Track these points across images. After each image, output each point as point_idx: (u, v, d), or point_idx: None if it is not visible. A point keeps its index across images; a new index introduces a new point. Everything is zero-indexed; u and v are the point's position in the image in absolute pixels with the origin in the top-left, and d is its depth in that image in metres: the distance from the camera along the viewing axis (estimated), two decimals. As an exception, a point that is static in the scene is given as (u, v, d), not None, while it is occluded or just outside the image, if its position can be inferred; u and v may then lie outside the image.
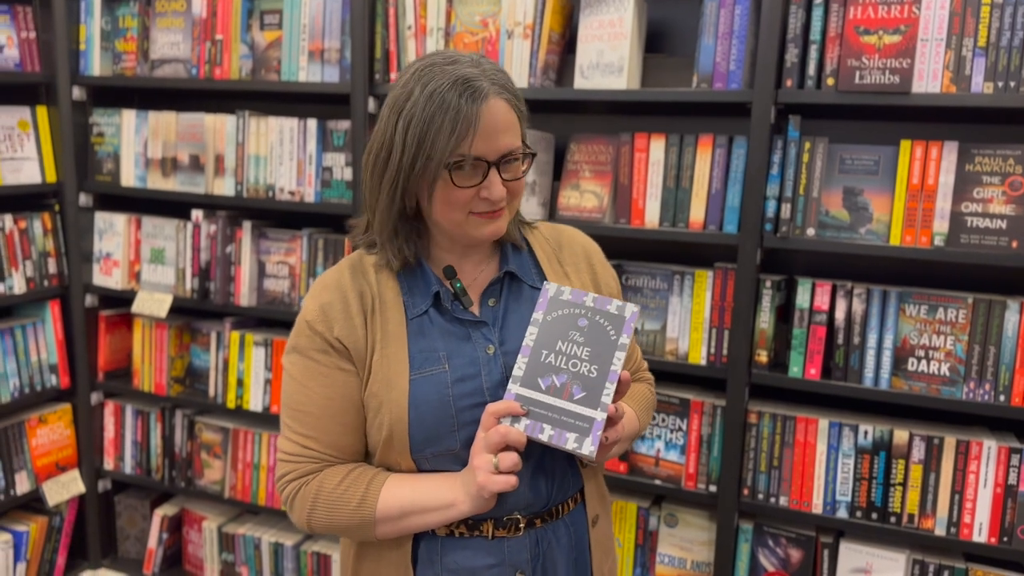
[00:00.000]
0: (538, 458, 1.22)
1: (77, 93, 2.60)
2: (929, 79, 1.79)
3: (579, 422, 1.12)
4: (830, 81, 1.86)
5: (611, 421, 1.14)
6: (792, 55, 1.88)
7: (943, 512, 1.90)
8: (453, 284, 1.25)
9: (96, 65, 2.58)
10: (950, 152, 1.82)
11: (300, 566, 2.58)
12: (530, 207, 2.17)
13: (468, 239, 1.22)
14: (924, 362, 1.90)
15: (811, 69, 1.88)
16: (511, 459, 1.12)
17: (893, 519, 1.94)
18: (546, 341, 1.17)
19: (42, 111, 2.61)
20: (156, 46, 2.52)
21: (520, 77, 2.10)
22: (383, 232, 1.23)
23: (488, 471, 1.12)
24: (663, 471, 2.14)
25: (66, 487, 2.72)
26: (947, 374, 1.88)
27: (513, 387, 1.15)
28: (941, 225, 1.84)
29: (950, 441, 1.89)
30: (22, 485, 2.61)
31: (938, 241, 1.84)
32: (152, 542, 2.77)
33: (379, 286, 1.25)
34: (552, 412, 1.13)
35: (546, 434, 1.12)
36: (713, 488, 2.08)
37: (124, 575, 2.81)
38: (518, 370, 1.16)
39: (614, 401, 1.14)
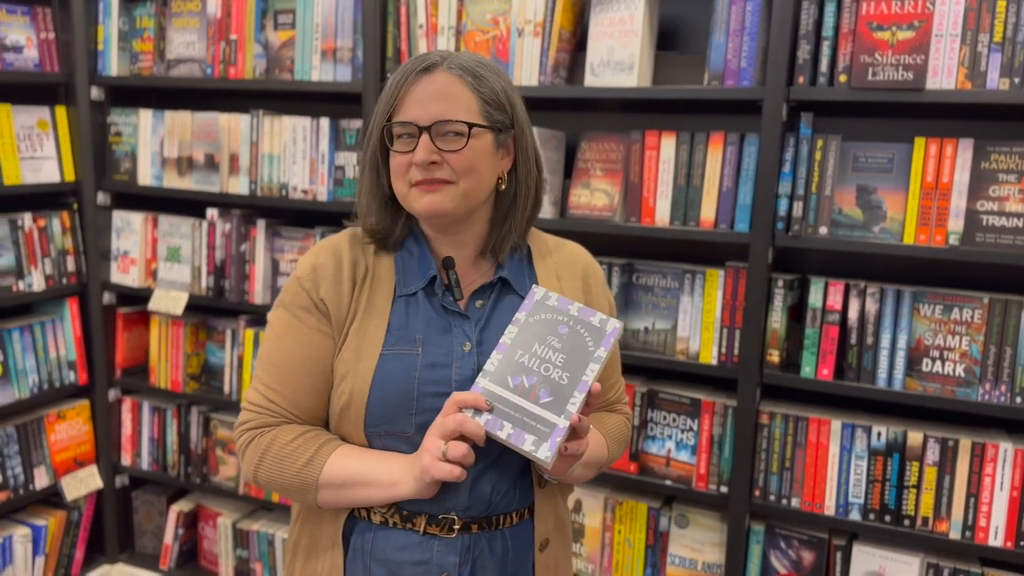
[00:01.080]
0: (488, 463, 1.21)
1: (95, 93, 2.63)
2: (944, 75, 1.76)
3: (540, 425, 1.10)
4: (843, 78, 1.83)
5: (575, 432, 1.12)
6: (804, 52, 1.86)
7: (958, 515, 1.88)
8: (449, 275, 1.26)
9: (114, 65, 2.61)
10: (965, 149, 1.79)
11: (313, 563, 2.60)
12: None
13: (414, 213, 1.23)
14: (939, 363, 1.87)
15: (823, 66, 1.85)
16: (460, 449, 1.10)
17: (907, 522, 1.92)
18: (523, 342, 1.16)
19: (61, 111, 2.64)
20: (172, 46, 2.54)
21: (530, 75, 2.10)
22: (364, 206, 1.26)
23: (435, 455, 1.11)
24: (674, 471, 2.13)
25: (84, 482, 2.76)
26: (962, 375, 1.85)
27: (482, 381, 1.14)
28: (956, 224, 1.81)
29: (965, 443, 1.86)
30: (41, 480, 2.65)
31: (953, 240, 1.81)
32: (168, 537, 2.80)
33: (376, 260, 1.27)
34: (515, 411, 1.12)
35: (505, 432, 1.10)
36: (724, 489, 2.07)
37: (141, 570, 2.85)
38: (490, 365, 1.15)
39: (583, 413, 1.13)
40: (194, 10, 2.48)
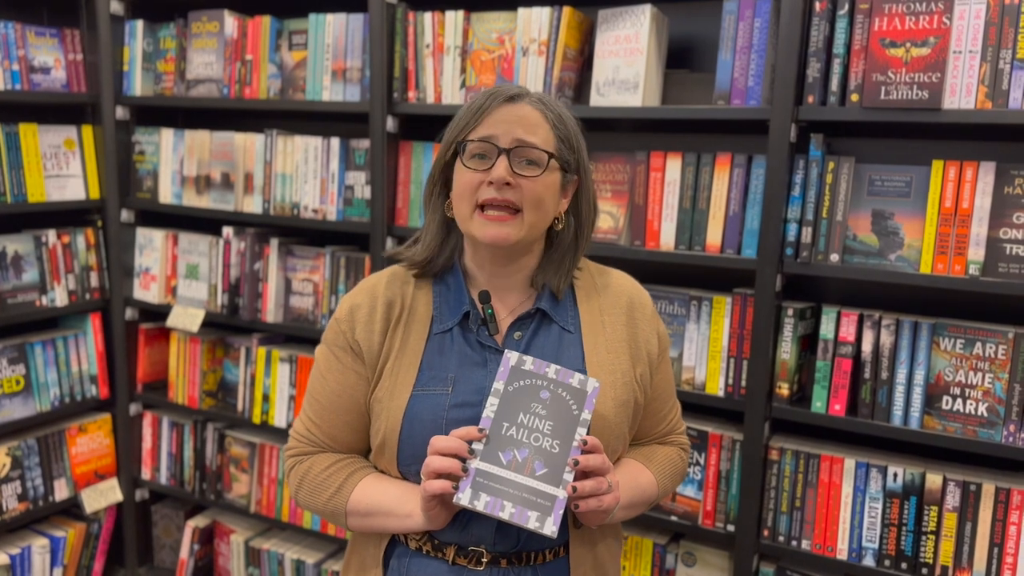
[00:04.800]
0: None
1: (120, 112, 2.69)
2: (962, 94, 1.65)
3: (541, 500, 1.10)
4: (854, 97, 1.74)
5: (587, 483, 1.13)
6: (814, 70, 1.77)
7: (980, 566, 1.74)
8: (484, 309, 1.27)
9: (138, 85, 2.66)
10: (986, 173, 1.67)
11: (321, 585, 2.58)
12: (546, 228, 2.10)
13: (475, 240, 1.23)
14: (960, 401, 1.74)
15: (834, 84, 1.76)
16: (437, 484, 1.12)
17: (925, 570, 1.79)
18: (507, 413, 1.14)
19: (87, 130, 2.70)
20: (192, 66, 2.57)
21: (535, 95, 2.05)
22: (424, 233, 1.30)
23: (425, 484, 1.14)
24: (679, 507, 2.04)
25: (104, 495, 2.79)
26: (985, 415, 1.72)
27: (472, 463, 1.12)
28: (976, 252, 1.69)
29: (988, 488, 1.73)
30: (61, 492, 2.69)
31: (973, 270, 1.69)
32: (184, 552, 2.81)
33: (414, 298, 1.29)
34: (513, 488, 1.11)
35: (507, 512, 1.09)
36: (731, 528, 1.97)
37: (159, 584, 2.87)
38: (477, 444, 1.13)
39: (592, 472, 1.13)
40: (212, 31, 2.51)
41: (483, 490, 1.10)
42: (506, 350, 1.18)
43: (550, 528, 1.08)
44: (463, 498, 1.10)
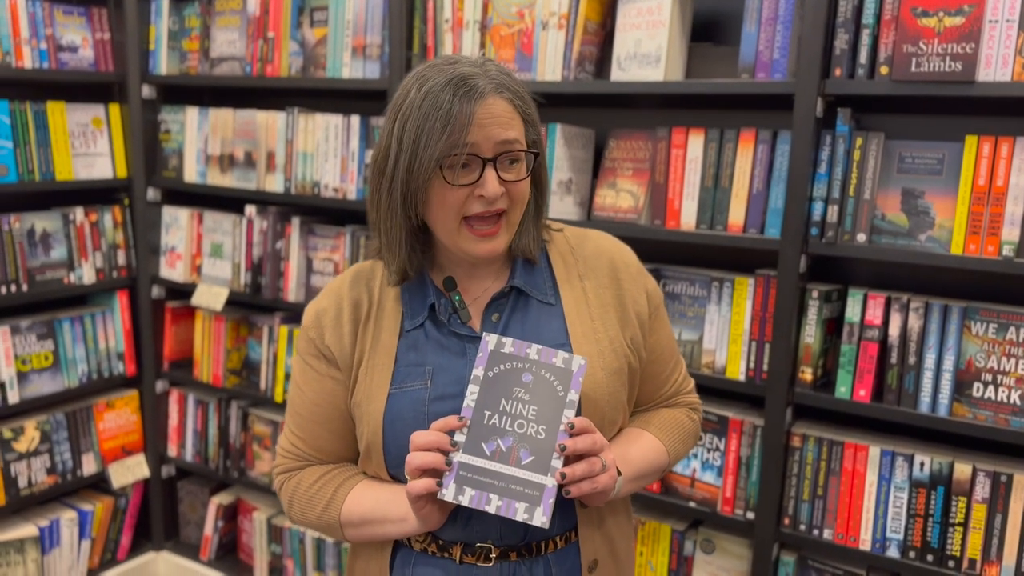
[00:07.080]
0: None
1: (147, 91, 2.70)
2: (998, 66, 1.57)
3: (528, 489, 1.05)
4: (884, 70, 1.66)
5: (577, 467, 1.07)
6: (842, 41, 1.70)
7: (1010, 559, 1.67)
8: (452, 296, 1.20)
9: (164, 64, 2.67)
10: (1023, 149, 1.59)
11: (340, 564, 2.58)
12: (566, 207, 2.06)
13: (464, 254, 1.16)
14: (991, 388, 1.67)
15: (863, 57, 1.68)
16: (422, 484, 1.08)
17: (952, 563, 1.72)
18: (488, 400, 1.09)
19: (114, 109, 2.72)
20: (215, 44, 2.57)
21: (554, 69, 2.00)
22: (386, 242, 1.18)
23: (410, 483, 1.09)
24: (698, 493, 1.99)
25: (131, 470, 2.83)
26: (1017, 402, 1.65)
27: (455, 456, 1.07)
28: (1011, 233, 1.61)
29: (1020, 479, 1.66)
30: (89, 466, 2.73)
31: (1007, 251, 1.61)
32: (208, 529, 2.85)
33: (381, 295, 1.23)
34: (499, 480, 1.06)
35: (493, 505, 1.05)
36: (751, 515, 1.92)
37: (185, 559, 2.90)
38: (459, 435, 1.08)
39: (581, 455, 1.08)
40: (235, 8, 2.50)
41: (468, 484, 1.06)
42: (484, 333, 1.13)
43: (540, 519, 1.04)
44: (447, 494, 1.06)
